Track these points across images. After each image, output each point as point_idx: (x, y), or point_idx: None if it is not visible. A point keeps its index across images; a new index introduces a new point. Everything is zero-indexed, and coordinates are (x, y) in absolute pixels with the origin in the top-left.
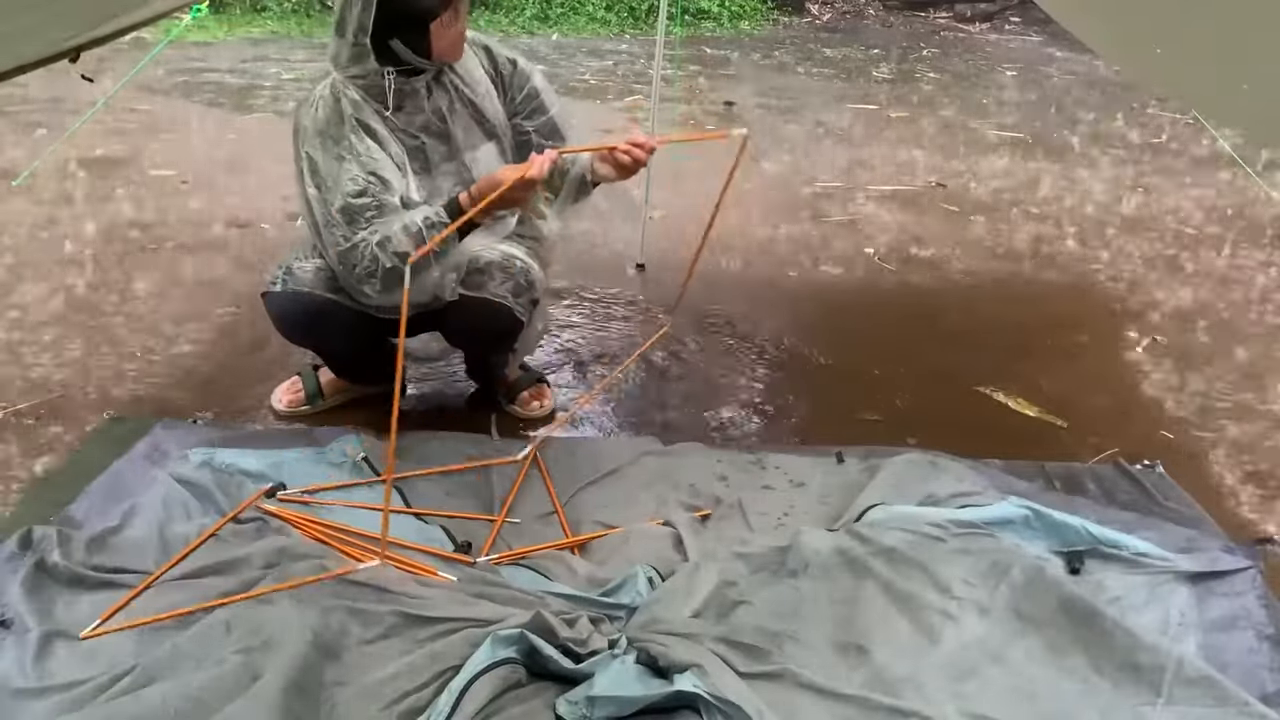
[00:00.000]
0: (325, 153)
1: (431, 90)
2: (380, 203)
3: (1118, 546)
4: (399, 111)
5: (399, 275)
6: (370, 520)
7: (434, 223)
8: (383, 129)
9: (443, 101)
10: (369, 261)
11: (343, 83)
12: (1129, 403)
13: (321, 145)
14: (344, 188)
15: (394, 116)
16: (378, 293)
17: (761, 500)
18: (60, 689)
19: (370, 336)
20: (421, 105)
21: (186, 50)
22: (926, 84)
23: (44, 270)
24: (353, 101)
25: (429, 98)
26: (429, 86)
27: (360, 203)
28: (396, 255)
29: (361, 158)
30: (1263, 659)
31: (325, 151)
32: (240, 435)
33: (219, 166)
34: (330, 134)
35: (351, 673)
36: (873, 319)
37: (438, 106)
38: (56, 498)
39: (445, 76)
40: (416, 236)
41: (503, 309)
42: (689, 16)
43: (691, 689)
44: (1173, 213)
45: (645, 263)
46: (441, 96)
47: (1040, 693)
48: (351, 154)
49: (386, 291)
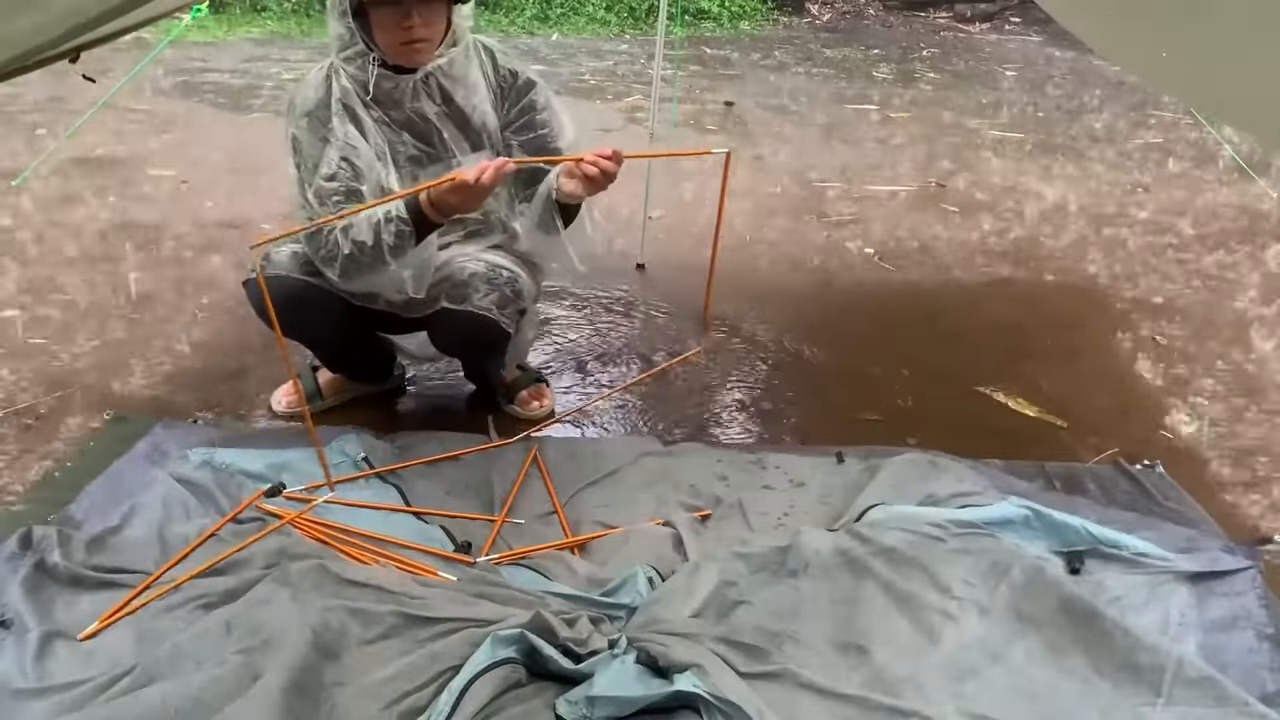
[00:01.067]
0: (310, 134)
1: (418, 91)
2: (349, 189)
3: (1118, 546)
4: (380, 104)
5: (357, 263)
6: (370, 520)
7: (392, 217)
8: (368, 118)
9: (428, 104)
10: (331, 246)
11: (338, 67)
12: (1129, 403)
13: (309, 126)
14: (320, 170)
15: (377, 108)
16: (338, 278)
17: (762, 500)
18: (60, 689)
19: (353, 325)
20: (403, 103)
21: (186, 50)
22: (926, 84)
23: (43, 270)
24: (343, 87)
25: (414, 98)
26: (415, 87)
27: (330, 187)
28: (355, 243)
29: (340, 143)
30: (1263, 659)
31: (311, 133)
32: (240, 435)
33: (219, 166)
34: (318, 115)
35: (351, 673)
36: (873, 319)
37: (419, 107)
38: (56, 498)
39: (434, 79)
40: (375, 228)
41: (487, 321)
42: (689, 16)
43: (691, 689)
44: (1173, 212)
45: (645, 262)
46: (427, 98)
47: (1040, 693)
48: (333, 138)
49: (345, 278)
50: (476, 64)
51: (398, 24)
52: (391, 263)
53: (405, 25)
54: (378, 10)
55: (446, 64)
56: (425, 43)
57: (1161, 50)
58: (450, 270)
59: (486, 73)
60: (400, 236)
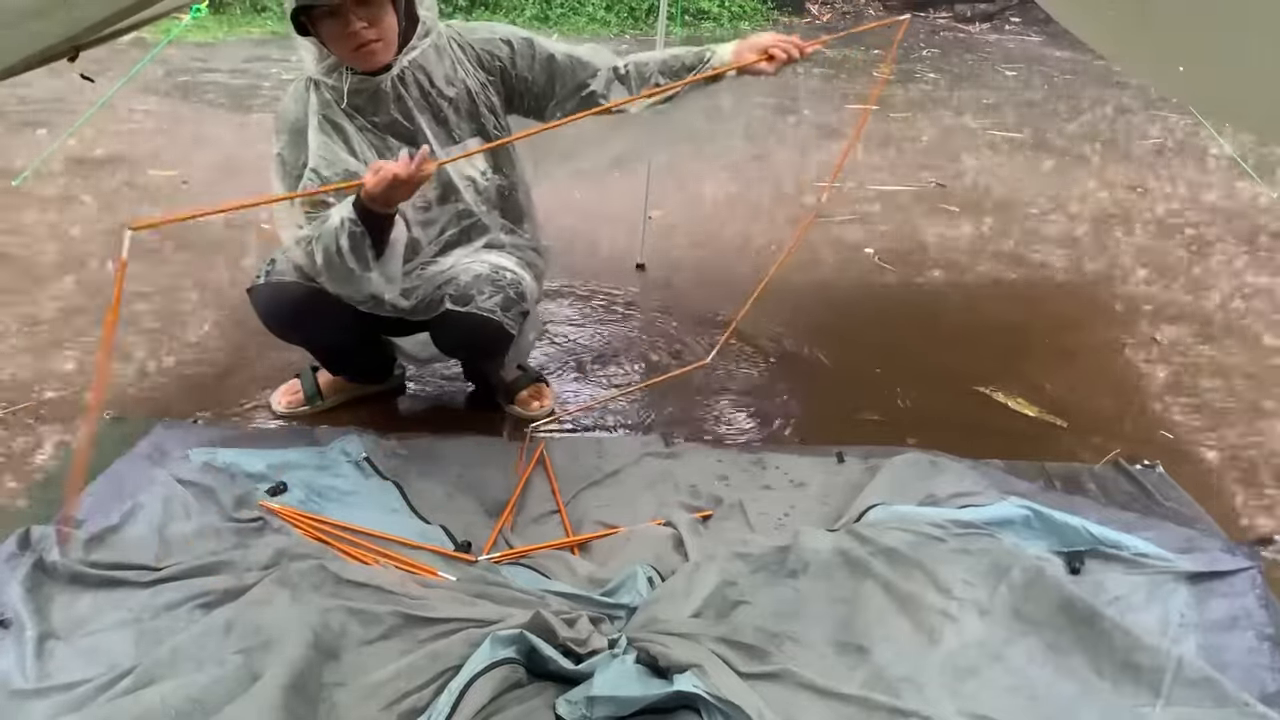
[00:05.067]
0: (293, 150)
1: (396, 91)
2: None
3: (1118, 546)
4: (360, 112)
5: (335, 270)
6: (370, 520)
7: (344, 218)
8: (350, 127)
9: (408, 102)
10: (310, 256)
11: (317, 79)
12: (1129, 403)
13: (290, 142)
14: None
15: (359, 116)
16: (331, 288)
17: (762, 500)
18: (60, 689)
19: (359, 329)
20: (385, 106)
21: (186, 50)
22: (926, 84)
23: (44, 270)
24: (322, 99)
25: (395, 99)
26: (392, 87)
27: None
28: (324, 251)
29: (314, 153)
30: (1263, 659)
31: (293, 147)
32: (241, 435)
33: (219, 167)
34: (299, 130)
35: (351, 673)
36: (873, 319)
37: (401, 107)
38: (57, 498)
39: (409, 75)
40: (335, 233)
41: (491, 323)
42: (689, 17)
43: (691, 689)
44: (1173, 213)
45: (645, 262)
46: (406, 96)
47: (1040, 693)
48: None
49: (335, 287)
50: (450, 52)
51: (342, 31)
52: (355, 266)
53: (349, 30)
54: (320, 23)
55: (418, 57)
56: (377, 43)
57: (1168, 56)
58: (454, 272)
59: (468, 58)
60: (354, 237)
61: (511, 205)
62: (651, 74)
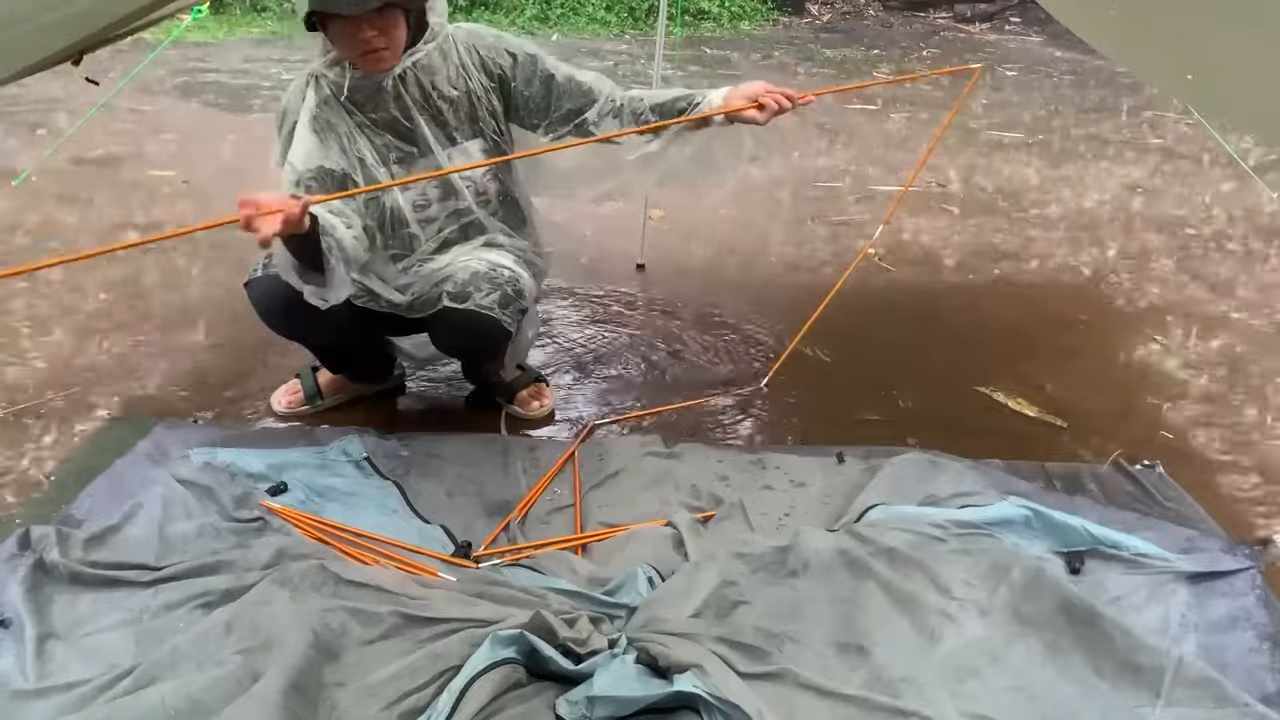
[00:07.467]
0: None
1: (397, 90)
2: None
3: (1118, 547)
4: (360, 107)
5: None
6: (370, 520)
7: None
8: (346, 125)
9: (408, 102)
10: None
11: (319, 73)
12: (1129, 403)
13: (288, 138)
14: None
15: (359, 113)
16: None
17: (762, 500)
18: (60, 689)
19: (356, 327)
20: (385, 103)
21: (187, 51)
22: (926, 84)
23: (43, 270)
24: (323, 93)
25: (394, 98)
26: (393, 86)
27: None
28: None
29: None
30: (1263, 659)
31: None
32: (242, 435)
33: (219, 167)
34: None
35: (351, 673)
36: (873, 319)
37: (401, 106)
38: (57, 497)
39: (411, 76)
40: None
41: (488, 320)
42: (689, 17)
43: (691, 689)
44: (1173, 213)
45: (645, 263)
46: (407, 96)
47: (1040, 694)
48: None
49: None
50: (456, 56)
51: (353, 36)
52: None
53: (360, 37)
54: (333, 23)
55: (422, 58)
56: (385, 50)
57: (1170, 55)
58: (452, 269)
59: (472, 62)
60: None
61: (511, 211)
62: (644, 111)
